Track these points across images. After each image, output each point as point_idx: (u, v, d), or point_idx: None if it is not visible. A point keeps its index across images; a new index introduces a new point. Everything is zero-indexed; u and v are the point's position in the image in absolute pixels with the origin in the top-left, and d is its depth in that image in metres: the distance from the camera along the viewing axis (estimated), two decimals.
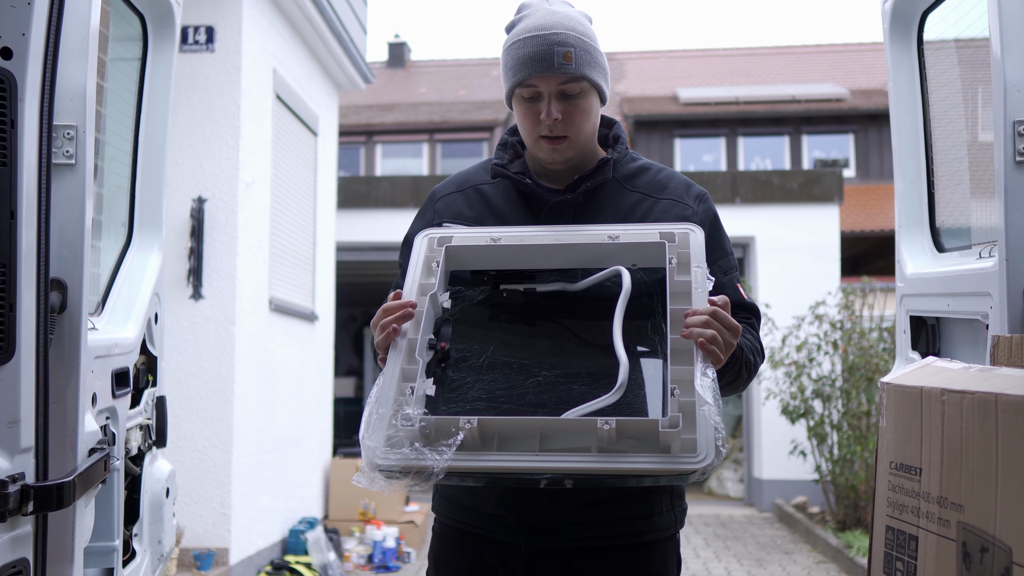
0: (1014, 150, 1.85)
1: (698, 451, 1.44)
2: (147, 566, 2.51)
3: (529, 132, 1.91)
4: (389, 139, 17.90)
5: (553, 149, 1.89)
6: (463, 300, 1.80)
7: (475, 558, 1.94)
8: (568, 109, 1.86)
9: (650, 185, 1.97)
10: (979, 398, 1.20)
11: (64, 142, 1.98)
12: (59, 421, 1.84)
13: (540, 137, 1.89)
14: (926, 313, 2.36)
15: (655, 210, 1.92)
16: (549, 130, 1.87)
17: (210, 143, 5.60)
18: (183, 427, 5.38)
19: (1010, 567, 1.10)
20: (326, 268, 7.75)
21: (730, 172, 10.85)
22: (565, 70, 1.83)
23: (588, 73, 1.86)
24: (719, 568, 7.06)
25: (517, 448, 1.50)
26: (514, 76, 1.87)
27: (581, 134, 1.90)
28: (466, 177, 2.07)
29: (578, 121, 1.88)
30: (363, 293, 13.27)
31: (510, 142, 2.03)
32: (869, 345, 8.10)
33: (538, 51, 1.83)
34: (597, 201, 1.94)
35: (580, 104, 1.87)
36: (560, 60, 1.82)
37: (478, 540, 1.94)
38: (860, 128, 16.67)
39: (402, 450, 1.51)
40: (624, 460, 1.46)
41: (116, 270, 2.64)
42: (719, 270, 1.90)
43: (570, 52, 1.83)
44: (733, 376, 1.79)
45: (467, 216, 1.98)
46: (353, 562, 7.00)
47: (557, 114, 1.85)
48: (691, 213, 1.93)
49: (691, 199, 1.96)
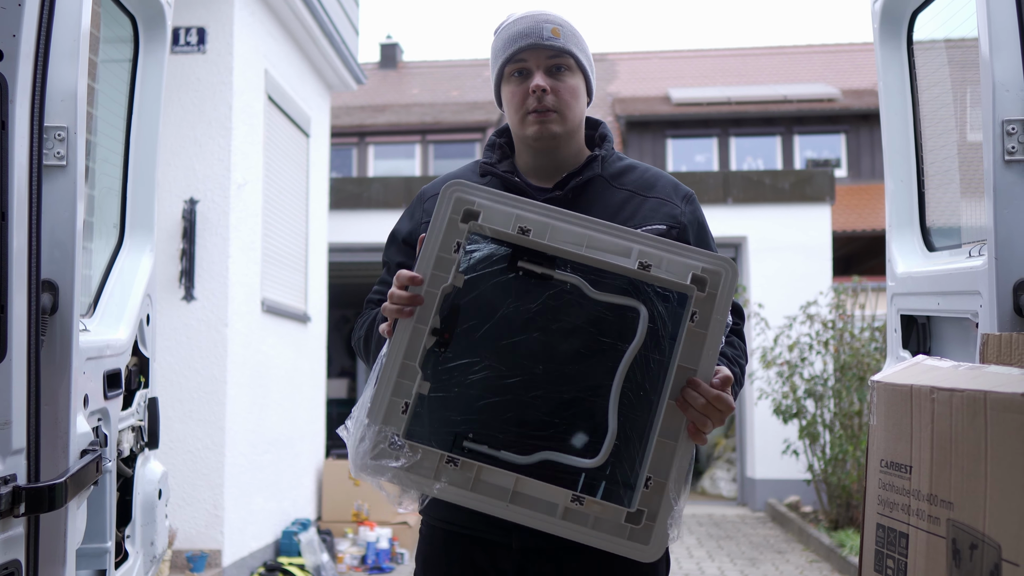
0: (1003, 149, 1.86)
1: (651, 542, 1.59)
2: (140, 568, 2.51)
3: (517, 109, 1.93)
4: (381, 140, 17.88)
5: (541, 122, 1.91)
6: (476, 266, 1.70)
7: (465, 559, 1.94)
8: (556, 85, 1.90)
9: (638, 183, 1.98)
10: (968, 396, 1.21)
11: (55, 143, 1.98)
12: (51, 422, 1.84)
13: (528, 112, 1.91)
14: (917, 312, 2.37)
15: (643, 209, 1.93)
16: (538, 101, 1.89)
17: (202, 144, 5.59)
18: (175, 428, 5.37)
19: (999, 564, 1.11)
20: (318, 269, 7.74)
21: (722, 172, 10.87)
22: (553, 43, 1.89)
23: (575, 51, 1.91)
24: (712, 568, 7.07)
25: (490, 492, 1.60)
26: (503, 53, 1.92)
27: (569, 111, 1.92)
28: (458, 175, 2.06)
29: (566, 96, 1.91)
30: (356, 294, 13.25)
31: (498, 143, 2.04)
32: (861, 345, 8.12)
33: (527, 27, 1.90)
34: (586, 199, 1.94)
35: (568, 80, 1.91)
36: (548, 34, 1.89)
37: (467, 541, 1.94)
38: (851, 128, 16.71)
39: (385, 462, 1.61)
40: (583, 530, 1.61)
41: (108, 271, 2.64)
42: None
43: (558, 29, 1.90)
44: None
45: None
46: (346, 563, 6.99)
47: (545, 84, 1.88)
48: (679, 213, 1.95)
49: (679, 199, 1.97)
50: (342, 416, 7.40)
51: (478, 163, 2.05)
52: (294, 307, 6.96)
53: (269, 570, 5.86)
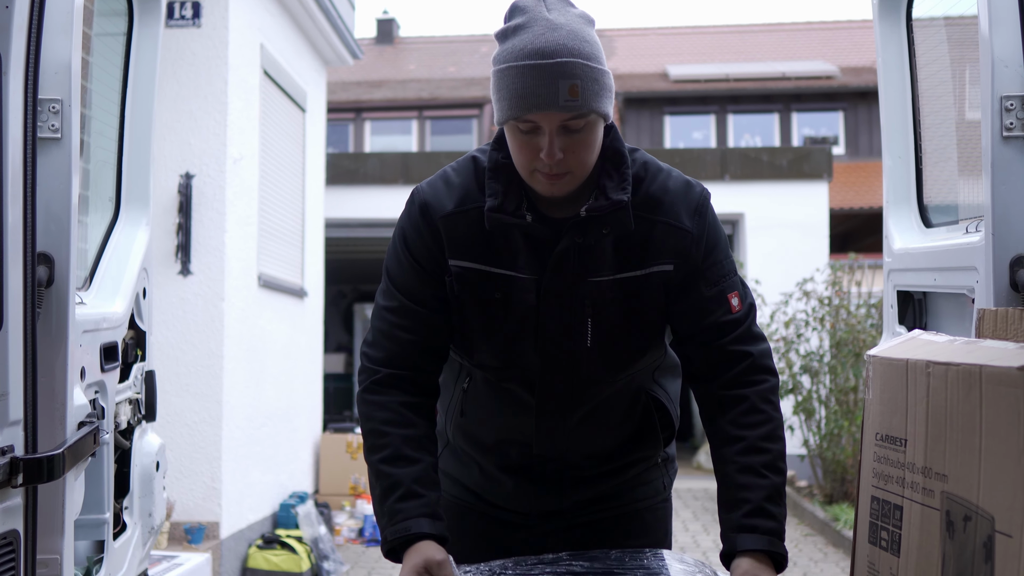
0: (1001, 125, 1.86)
1: None
2: (138, 539, 2.52)
3: (524, 166, 1.68)
4: (378, 116, 17.81)
5: (552, 185, 1.67)
6: None
7: (479, 530, 1.98)
8: (571, 144, 1.63)
9: (644, 202, 1.76)
10: (964, 370, 1.21)
11: (49, 116, 1.98)
12: (48, 394, 1.84)
13: (537, 171, 1.67)
14: (913, 288, 2.38)
15: (653, 237, 1.75)
16: (549, 169, 1.64)
17: (197, 119, 5.56)
18: (172, 403, 5.38)
19: (993, 535, 1.12)
20: (315, 244, 7.73)
21: (719, 149, 10.85)
22: (570, 107, 1.58)
23: (595, 106, 1.61)
24: (707, 540, 7.12)
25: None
26: (510, 109, 1.62)
27: (584, 167, 1.68)
28: (464, 192, 1.78)
29: (582, 155, 1.66)
30: (353, 270, 13.25)
31: (501, 165, 1.75)
32: (857, 321, 8.14)
33: (539, 85, 1.58)
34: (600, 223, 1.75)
35: (585, 138, 1.64)
36: (565, 97, 1.58)
37: (482, 515, 1.98)
38: (850, 105, 16.67)
39: None
40: None
41: (103, 245, 2.63)
42: (706, 283, 1.77)
43: (576, 85, 1.58)
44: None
45: (471, 255, 1.76)
46: (344, 536, 7.03)
47: (559, 153, 1.61)
48: (689, 242, 1.76)
49: (687, 217, 1.76)
50: (339, 391, 7.48)
51: (482, 168, 1.78)
52: (291, 282, 6.96)
53: (267, 542, 5.89)
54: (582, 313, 1.76)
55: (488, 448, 1.93)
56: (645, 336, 1.82)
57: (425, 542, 1.67)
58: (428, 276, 1.78)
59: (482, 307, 1.77)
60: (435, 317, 1.78)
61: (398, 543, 1.68)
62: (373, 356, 1.80)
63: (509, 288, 1.75)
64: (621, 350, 1.81)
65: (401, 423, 1.75)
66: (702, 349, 1.79)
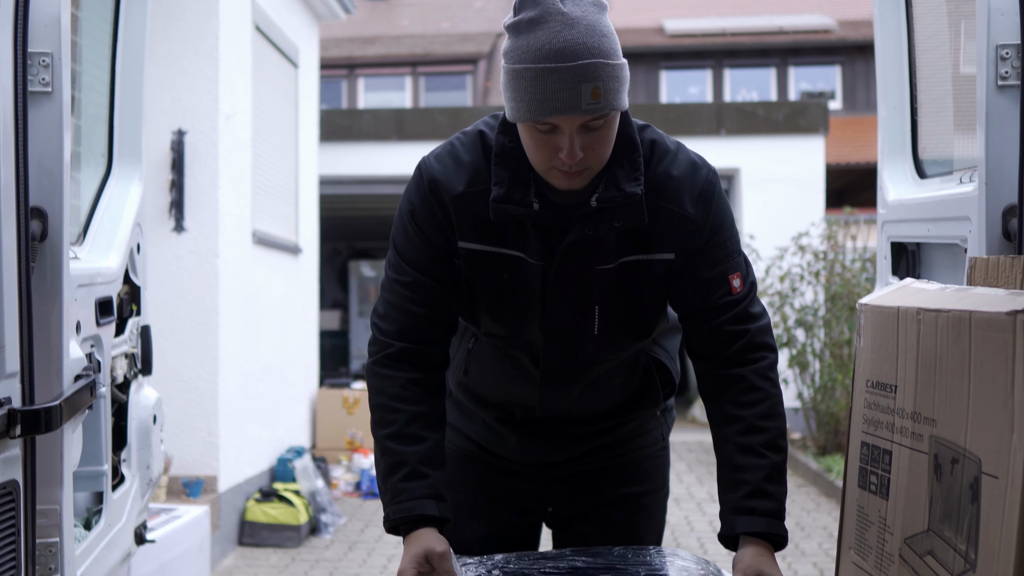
0: (996, 74, 1.85)
1: None
2: (136, 490, 2.55)
3: (542, 163, 1.63)
4: (371, 72, 17.67)
5: (570, 181, 1.63)
6: None
7: (481, 479, 2.00)
8: (591, 142, 1.59)
9: (648, 187, 1.71)
10: (954, 316, 1.22)
11: (40, 69, 1.96)
12: (44, 347, 1.85)
13: (554, 168, 1.62)
14: (907, 239, 2.38)
15: (656, 222, 1.72)
16: (568, 168, 1.60)
17: (189, 75, 5.52)
18: (168, 359, 5.39)
19: (979, 476, 1.13)
20: (309, 201, 7.71)
21: (715, 103, 10.80)
22: (593, 109, 1.54)
23: (616, 104, 1.57)
24: (701, 492, 7.20)
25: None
26: (529, 112, 1.56)
27: (602, 161, 1.64)
28: (474, 171, 1.73)
29: (601, 151, 1.62)
30: (347, 227, 13.21)
31: (508, 151, 1.69)
32: (851, 275, 8.16)
33: (560, 89, 1.52)
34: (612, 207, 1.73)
35: (604, 135, 1.61)
36: (588, 100, 1.53)
37: (484, 465, 2.00)
38: (847, 60, 16.56)
39: None
40: None
41: (96, 200, 2.63)
42: (707, 265, 1.75)
43: (598, 88, 1.53)
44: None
45: (481, 237, 1.73)
46: (341, 489, 7.09)
47: (580, 152, 1.58)
48: (691, 229, 1.73)
49: (691, 203, 1.72)
50: (335, 348, 7.50)
51: (489, 143, 1.73)
52: (285, 238, 6.95)
53: (265, 495, 5.94)
54: (589, 300, 1.75)
55: (491, 405, 1.95)
56: (651, 318, 1.82)
57: (427, 531, 1.66)
58: (438, 252, 1.75)
59: (490, 286, 1.76)
60: (446, 290, 1.77)
61: (401, 522, 1.68)
62: (385, 329, 1.78)
63: (518, 269, 1.73)
64: (628, 333, 1.81)
65: (411, 400, 1.74)
66: (699, 327, 1.78)
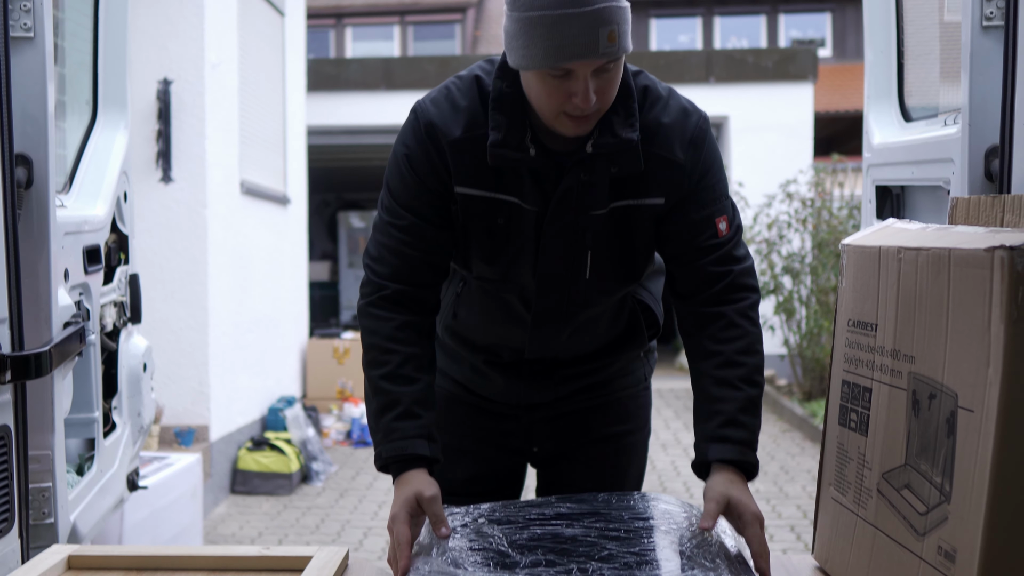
0: (981, 14, 1.85)
1: None
2: (128, 437, 2.57)
3: (553, 109, 1.62)
4: (359, 21, 17.49)
5: (578, 126, 1.64)
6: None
7: (467, 420, 2.03)
8: (602, 86, 1.59)
9: (641, 131, 1.71)
10: (934, 254, 1.24)
11: (21, 14, 1.95)
12: (32, 294, 1.86)
13: (564, 113, 1.61)
14: (891, 182, 2.39)
15: (647, 167, 1.71)
16: (581, 112, 1.60)
17: (174, 23, 5.46)
18: (158, 309, 5.40)
19: (955, 411, 1.15)
20: (297, 152, 7.67)
21: (704, 51, 10.74)
22: (610, 52, 1.54)
23: (628, 46, 1.58)
24: (688, 438, 7.25)
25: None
26: (545, 59, 1.55)
27: (609, 104, 1.65)
28: (470, 117, 1.72)
29: (610, 94, 1.62)
30: (336, 177, 13.16)
31: (505, 95, 1.68)
32: (839, 222, 8.19)
33: (580, 34, 1.52)
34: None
35: (613, 77, 1.61)
36: (605, 44, 1.53)
37: (471, 406, 2.03)
38: (837, 6, 16.44)
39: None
40: None
41: (82, 148, 2.62)
42: (695, 207, 1.74)
43: (614, 31, 1.53)
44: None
45: (477, 183, 1.72)
46: (332, 438, 7.16)
47: (594, 96, 1.58)
48: (680, 174, 1.73)
49: (680, 148, 1.73)
50: (325, 299, 7.52)
51: (485, 87, 1.72)
52: (273, 189, 6.92)
53: (256, 444, 5.99)
54: (583, 245, 1.76)
55: (479, 348, 1.97)
56: (640, 263, 1.83)
57: (418, 473, 1.67)
58: (434, 195, 1.74)
59: (485, 231, 1.76)
60: (441, 234, 1.77)
61: (392, 461, 1.69)
62: (379, 271, 1.78)
63: (512, 215, 1.74)
64: (618, 278, 1.83)
65: (405, 341, 1.74)
66: (684, 268, 1.79)
